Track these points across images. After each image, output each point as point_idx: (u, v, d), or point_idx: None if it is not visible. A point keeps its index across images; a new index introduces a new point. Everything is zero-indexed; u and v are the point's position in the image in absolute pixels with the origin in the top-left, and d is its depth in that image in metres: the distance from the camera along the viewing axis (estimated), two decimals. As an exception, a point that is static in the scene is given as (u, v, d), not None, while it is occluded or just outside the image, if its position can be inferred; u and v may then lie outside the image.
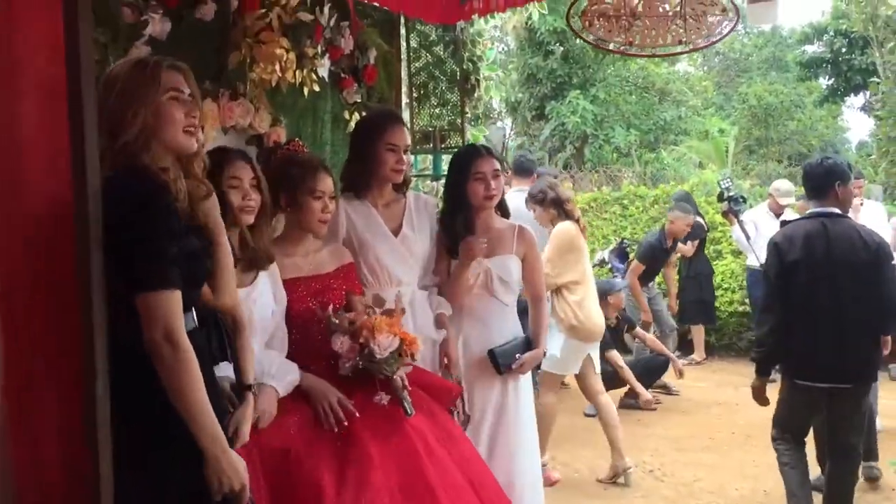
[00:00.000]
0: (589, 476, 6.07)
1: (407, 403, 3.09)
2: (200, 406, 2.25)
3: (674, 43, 4.81)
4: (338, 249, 3.50)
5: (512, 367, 3.94)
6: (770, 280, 4.58)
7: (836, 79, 20.65)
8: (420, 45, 5.10)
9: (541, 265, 4.24)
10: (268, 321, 3.03)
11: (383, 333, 3.05)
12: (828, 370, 4.43)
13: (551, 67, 18.60)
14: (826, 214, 4.52)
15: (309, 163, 3.38)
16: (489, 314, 4.00)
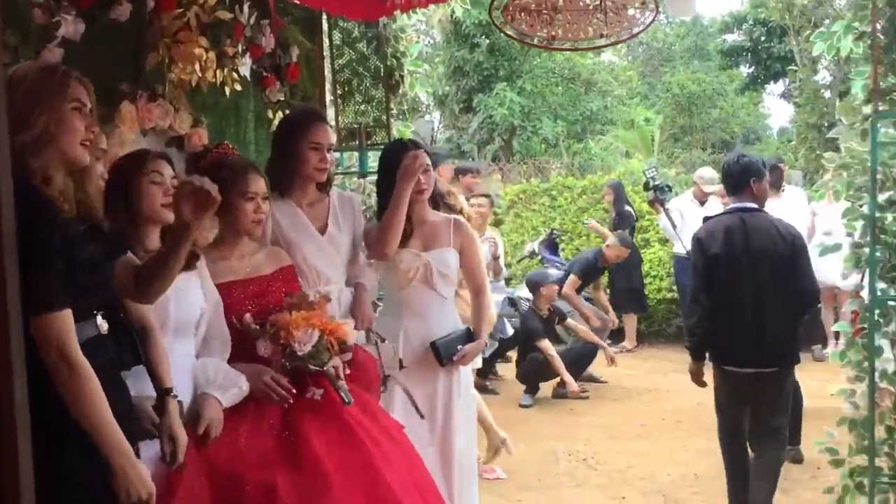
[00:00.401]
0: (524, 468, 6.11)
1: (343, 392, 3.06)
2: (102, 419, 2.26)
3: (595, 36, 4.86)
4: (275, 252, 3.46)
5: (454, 359, 3.95)
6: (696, 273, 4.79)
7: (756, 67, 21.08)
8: (343, 42, 5.07)
9: (479, 256, 4.24)
10: (191, 321, 2.97)
11: (300, 329, 3.02)
12: (751, 356, 4.65)
13: (478, 60, 18.64)
14: (744, 209, 4.74)
15: (239, 165, 3.34)
16: (428, 308, 4.00)
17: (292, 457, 2.95)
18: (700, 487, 5.61)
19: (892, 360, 4.16)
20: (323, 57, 5.06)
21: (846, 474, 4.26)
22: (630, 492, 5.61)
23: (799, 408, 5.87)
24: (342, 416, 3.12)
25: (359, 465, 2.99)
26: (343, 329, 3.14)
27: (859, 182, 4.18)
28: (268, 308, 3.24)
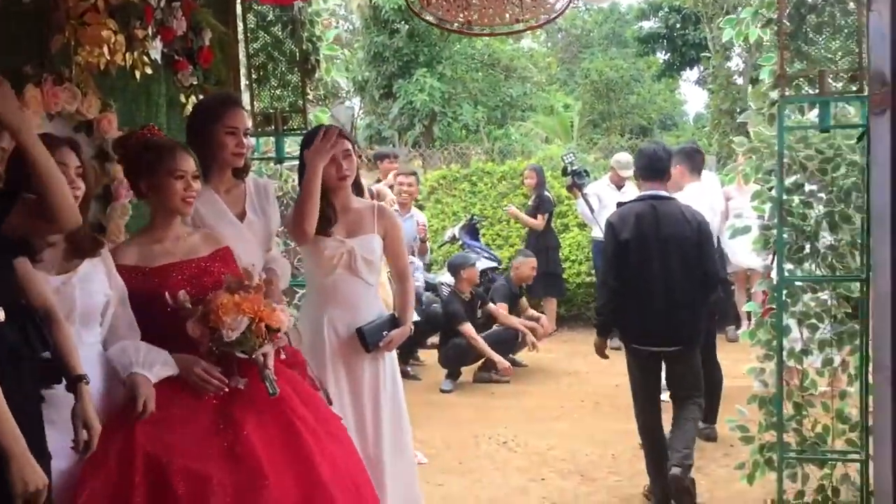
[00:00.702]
0: (445, 452, 6.14)
1: (269, 382, 3.01)
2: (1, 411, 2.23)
3: (512, 21, 4.87)
4: (211, 235, 3.39)
5: (380, 345, 3.95)
6: (607, 256, 5.04)
7: (672, 54, 21.41)
8: (257, 25, 4.98)
9: (401, 242, 4.22)
10: (97, 309, 2.90)
11: (230, 314, 2.97)
12: (658, 336, 4.91)
13: (397, 46, 18.57)
14: (655, 197, 4.98)
15: (166, 144, 3.27)
16: (354, 295, 3.98)
17: (229, 450, 2.90)
18: (617, 467, 5.71)
19: (800, 339, 4.28)
20: (237, 41, 4.98)
21: (756, 450, 4.39)
22: (549, 473, 5.68)
23: (718, 388, 6.04)
24: (280, 408, 3.07)
25: (295, 460, 2.96)
26: (276, 315, 3.07)
27: (767, 166, 4.29)
28: (206, 290, 3.18)
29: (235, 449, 2.90)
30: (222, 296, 3.01)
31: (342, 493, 2.99)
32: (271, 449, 2.94)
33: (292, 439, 3.01)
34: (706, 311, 5.10)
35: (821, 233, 4.16)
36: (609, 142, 18.91)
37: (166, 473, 2.76)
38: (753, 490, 4.65)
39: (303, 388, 3.31)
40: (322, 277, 3.97)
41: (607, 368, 8.31)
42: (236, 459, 2.87)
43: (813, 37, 4.11)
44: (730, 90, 13.81)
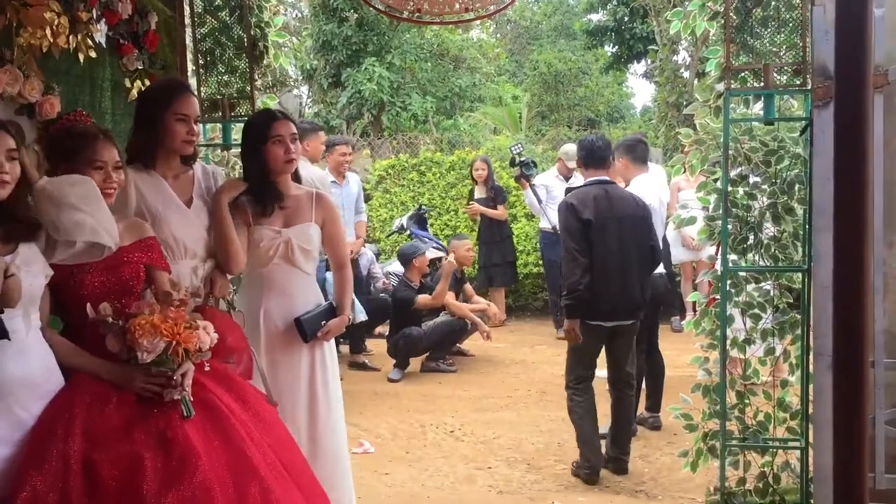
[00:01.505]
0: (392, 441, 6.14)
1: (185, 404, 2.98)
2: None
3: (461, 11, 4.87)
4: (135, 224, 3.35)
5: (318, 335, 3.93)
6: (571, 235, 5.24)
7: (620, 47, 21.53)
8: (205, 10, 4.90)
9: (340, 230, 4.21)
10: (39, 290, 2.84)
11: (147, 336, 2.93)
12: (614, 311, 5.25)
13: (346, 34, 18.43)
14: (604, 182, 5.41)
15: (87, 132, 3.21)
16: (291, 284, 3.96)
17: (160, 434, 2.89)
18: (563, 455, 5.75)
19: (743, 328, 4.35)
20: (184, 25, 4.90)
21: (699, 438, 4.45)
22: (496, 461, 5.71)
23: (661, 378, 6.13)
24: (210, 399, 3.07)
25: (225, 445, 2.96)
26: (195, 339, 3.01)
27: (713, 157, 4.34)
28: (123, 280, 3.14)
29: (167, 433, 2.89)
30: (143, 315, 2.96)
31: (275, 477, 2.99)
32: (201, 434, 2.94)
33: (220, 425, 3.01)
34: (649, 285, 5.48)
35: (764, 224, 4.23)
36: (557, 133, 19.02)
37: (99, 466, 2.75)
38: (697, 477, 4.73)
39: (229, 377, 3.30)
40: (258, 268, 3.94)
41: (553, 358, 8.43)
42: (167, 442, 2.86)
43: (758, 30, 4.17)
44: (676, 83, 13.97)
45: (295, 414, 3.88)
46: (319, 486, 3.38)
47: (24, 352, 2.73)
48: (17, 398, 2.71)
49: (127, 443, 2.83)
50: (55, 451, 2.73)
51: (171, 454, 2.84)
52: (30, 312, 2.80)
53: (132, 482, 2.75)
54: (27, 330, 2.77)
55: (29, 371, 2.76)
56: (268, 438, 3.15)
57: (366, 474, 5.37)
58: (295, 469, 3.20)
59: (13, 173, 2.78)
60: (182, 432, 2.90)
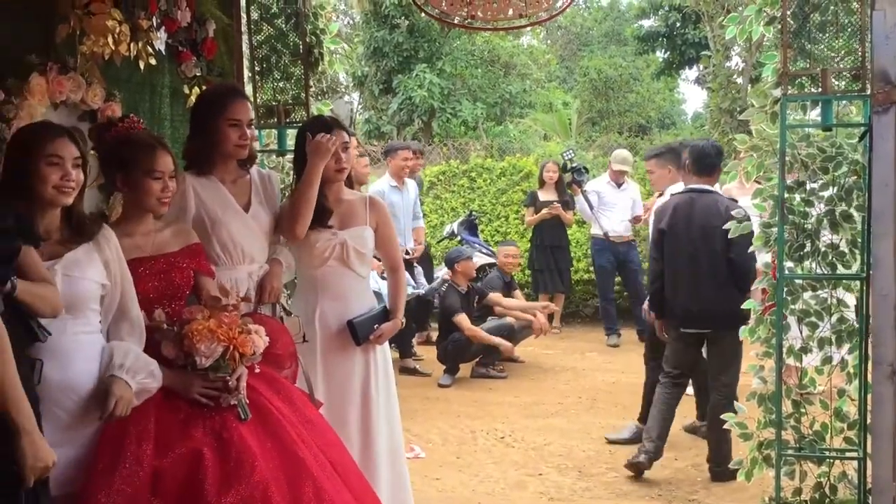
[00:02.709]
0: (443, 446, 6.16)
1: (241, 407, 3.04)
2: (13, 381, 2.27)
3: (514, 17, 4.88)
4: (182, 229, 3.40)
5: (370, 338, 3.94)
6: (652, 241, 5.69)
7: (672, 52, 21.34)
8: (261, 17, 4.97)
9: (393, 233, 4.24)
10: (85, 297, 2.87)
11: (204, 341, 2.98)
12: (687, 318, 5.43)
13: (397, 41, 18.53)
14: (696, 190, 5.48)
15: (145, 142, 3.25)
16: (346, 287, 3.99)
17: (217, 435, 2.96)
18: (615, 463, 5.72)
19: (799, 336, 4.29)
20: (241, 32, 4.98)
21: (754, 447, 4.39)
22: (547, 468, 5.69)
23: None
24: (261, 402, 3.13)
25: (279, 449, 3.01)
26: (250, 343, 3.07)
27: (769, 164, 4.29)
28: (174, 286, 3.20)
29: (223, 434, 2.95)
30: (198, 321, 3.02)
31: (327, 477, 3.04)
32: (255, 436, 3.00)
33: (272, 428, 3.07)
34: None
35: (821, 231, 4.16)
36: (607, 140, 18.90)
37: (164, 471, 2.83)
38: (751, 487, 4.66)
39: (277, 380, 3.35)
40: (313, 270, 3.96)
41: (604, 365, 8.40)
42: (224, 443, 2.93)
43: (816, 35, 4.11)
44: (730, 89, 13.82)
45: (348, 416, 3.90)
46: (369, 487, 3.41)
47: (63, 355, 2.77)
48: (57, 401, 2.76)
49: (188, 441, 2.89)
50: (129, 453, 2.80)
51: (228, 455, 2.89)
52: (75, 317, 2.83)
53: (194, 480, 2.81)
54: (69, 334, 2.80)
55: (68, 376, 2.79)
56: (317, 440, 3.20)
57: (417, 479, 5.37)
58: (344, 469, 3.24)
59: (78, 180, 2.84)
60: (237, 434, 2.96)
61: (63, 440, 2.72)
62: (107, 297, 2.96)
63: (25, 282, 2.53)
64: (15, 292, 2.46)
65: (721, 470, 5.21)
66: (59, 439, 2.68)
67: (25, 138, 2.86)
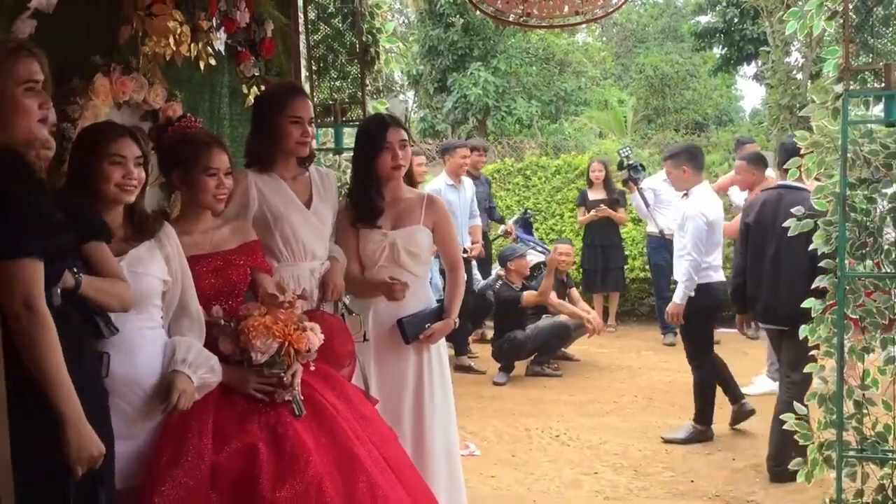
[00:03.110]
0: (498, 444, 6.16)
1: (295, 403, 3.08)
2: (59, 372, 2.28)
3: (570, 14, 4.85)
4: (240, 227, 3.45)
5: (420, 337, 3.93)
6: (739, 234, 5.75)
7: (730, 48, 21.07)
8: (318, 17, 5.02)
9: (453, 233, 4.20)
10: (148, 293, 2.93)
11: (260, 337, 3.02)
12: (767, 314, 5.51)
13: (452, 39, 18.55)
14: (786, 186, 5.46)
15: (201, 139, 3.30)
16: None
17: (272, 429, 3.00)
18: (671, 462, 5.68)
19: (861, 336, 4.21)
20: (298, 32, 5.03)
21: (815, 448, 4.33)
22: (602, 467, 5.67)
23: (710, 389, 6.21)
24: (315, 397, 3.17)
25: (333, 444, 3.04)
26: (305, 340, 3.11)
27: (830, 160, 4.22)
28: (231, 283, 3.24)
29: (278, 429, 2.99)
30: (254, 317, 3.06)
31: (380, 472, 3.06)
32: (309, 431, 3.04)
33: (327, 423, 3.10)
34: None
35: (884, 228, 4.09)
36: (664, 137, 18.71)
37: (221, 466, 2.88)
38: (811, 488, 4.59)
39: (332, 376, 3.38)
40: (368, 269, 3.97)
41: (660, 364, 8.33)
42: (279, 438, 2.96)
43: (879, 29, 4.04)
44: (789, 85, 13.59)
45: (401, 415, 3.91)
46: (424, 483, 3.43)
47: (128, 350, 2.82)
48: (122, 395, 2.81)
49: (244, 436, 2.93)
50: (191, 447, 2.85)
51: (282, 449, 2.93)
52: (139, 313, 2.89)
53: (249, 475, 2.85)
54: (133, 329, 2.85)
55: (132, 370, 2.85)
56: (371, 436, 3.22)
57: (471, 476, 5.39)
58: (398, 465, 3.26)
59: (139, 179, 2.91)
60: (292, 429, 2.99)
61: (127, 433, 2.78)
62: (168, 293, 3.02)
63: (91, 277, 2.59)
64: (79, 289, 2.51)
65: (781, 470, 5.12)
66: (124, 432, 2.74)
67: (89, 138, 2.93)
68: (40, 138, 2.41)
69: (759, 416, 6.32)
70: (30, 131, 2.37)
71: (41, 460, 2.29)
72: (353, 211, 3.96)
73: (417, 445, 3.91)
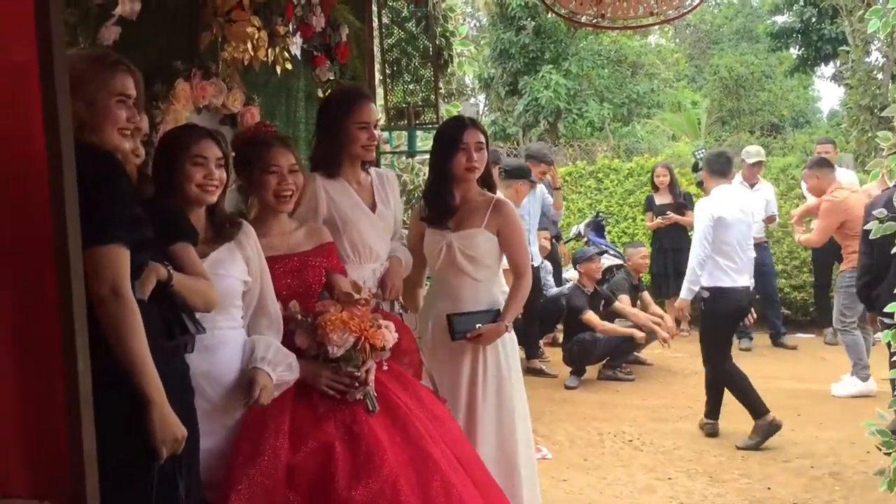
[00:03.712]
0: (569, 448, 6.13)
1: (369, 399, 3.10)
2: (144, 356, 2.34)
3: (645, 14, 4.82)
4: (316, 229, 3.49)
5: (467, 336, 3.88)
6: (861, 236, 5.67)
7: (807, 48, 20.65)
8: (392, 21, 5.07)
9: (519, 238, 4.12)
10: (230, 293, 2.98)
11: (337, 332, 3.05)
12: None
13: (523, 42, 18.52)
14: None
15: (263, 139, 3.34)
16: (458, 288, 3.98)
17: (347, 428, 3.03)
18: (747, 469, 5.59)
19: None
20: (372, 36, 5.08)
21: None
22: (676, 472, 5.60)
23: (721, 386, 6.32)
24: (389, 396, 3.19)
25: (406, 443, 3.06)
26: (380, 337, 3.13)
27: (914, 161, 4.13)
28: (307, 283, 3.29)
29: (353, 428, 3.01)
30: (331, 312, 3.09)
31: (453, 471, 3.07)
32: (384, 430, 3.05)
33: (400, 422, 3.11)
34: None
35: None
36: (738, 139, 18.39)
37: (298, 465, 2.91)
38: (893, 497, 4.48)
39: (403, 375, 3.40)
40: (432, 270, 4.03)
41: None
42: (354, 436, 2.98)
43: (966, 27, 3.94)
44: (869, 85, 13.27)
45: (455, 416, 3.90)
46: (495, 483, 3.43)
47: (209, 349, 2.88)
48: (202, 391, 2.86)
49: (320, 434, 2.96)
50: (268, 446, 2.90)
51: (358, 448, 2.95)
52: (220, 313, 2.93)
53: (325, 474, 2.88)
54: (214, 329, 2.90)
55: (213, 368, 2.91)
56: (443, 435, 3.23)
57: (544, 480, 5.36)
58: (469, 464, 3.27)
59: (220, 179, 2.97)
60: (367, 427, 3.01)
61: (206, 430, 2.83)
62: (248, 293, 3.07)
63: (180, 274, 2.66)
64: (171, 281, 2.58)
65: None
66: (204, 429, 2.79)
67: (172, 141, 3.00)
68: (122, 149, 2.50)
69: (840, 421, 6.20)
70: (115, 139, 2.47)
71: (126, 444, 2.35)
72: (426, 210, 3.99)
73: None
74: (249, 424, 2.96)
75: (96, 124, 2.42)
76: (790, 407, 6.77)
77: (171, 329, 2.60)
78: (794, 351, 9.07)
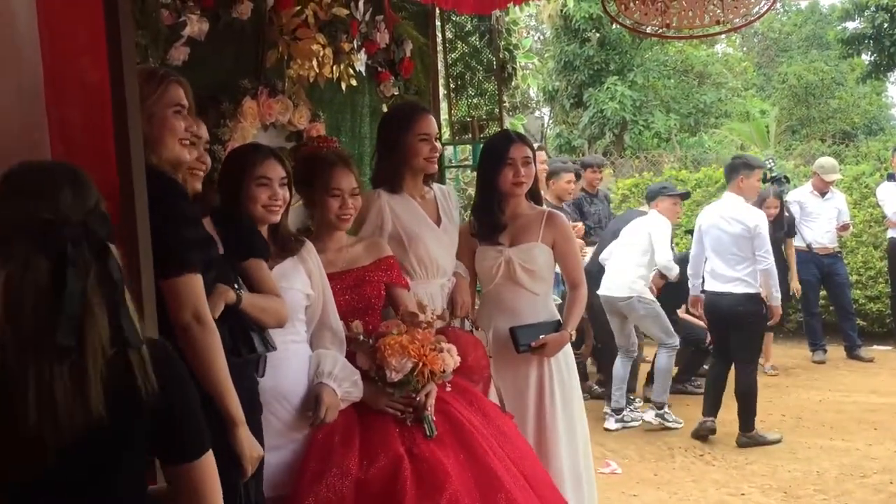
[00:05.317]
0: (640, 462, 6.05)
1: (427, 424, 3.08)
2: (227, 377, 2.40)
3: (711, 23, 4.76)
4: (375, 244, 3.47)
5: (531, 345, 3.84)
6: None
7: (879, 55, 20.19)
8: (455, 35, 5.09)
9: (573, 250, 4.11)
10: (293, 306, 2.99)
11: (396, 356, 3.04)
12: None
13: (588, 54, 18.45)
14: None
15: (326, 159, 3.34)
16: (517, 303, 3.95)
17: (409, 450, 3.02)
18: (824, 485, 5.46)
19: None
20: (436, 51, 5.10)
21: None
22: (749, 488, 5.49)
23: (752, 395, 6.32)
24: (453, 414, 3.18)
25: (471, 461, 3.04)
26: (440, 361, 3.11)
27: None
28: (366, 298, 3.29)
29: (414, 450, 2.99)
30: (392, 335, 3.08)
31: (519, 489, 3.03)
32: (447, 449, 3.03)
33: (464, 439, 3.09)
34: None
35: None
36: (808, 148, 18.05)
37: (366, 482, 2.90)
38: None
39: (470, 391, 3.38)
40: (486, 286, 3.99)
41: (808, 383, 8.04)
42: (416, 459, 2.97)
43: None
44: (945, 91, 12.98)
45: (523, 431, 3.86)
46: (562, 499, 3.38)
47: (274, 365, 2.88)
48: (270, 407, 2.89)
49: (389, 452, 2.96)
50: (335, 463, 2.91)
51: (420, 470, 2.94)
52: (285, 327, 2.94)
53: (392, 492, 2.87)
54: (280, 343, 2.90)
55: (280, 383, 2.93)
56: (509, 451, 3.20)
57: (613, 495, 5.32)
58: (536, 481, 3.23)
59: (284, 198, 3.00)
60: (428, 448, 3.00)
61: (275, 445, 2.86)
62: (311, 307, 3.10)
63: (250, 294, 2.70)
64: (240, 303, 2.62)
65: None
66: (272, 444, 2.81)
67: (237, 162, 3.04)
68: (183, 161, 2.56)
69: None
70: (177, 150, 2.53)
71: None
72: (475, 226, 3.98)
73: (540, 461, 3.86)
74: (318, 440, 2.98)
75: (158, 138, 2.47)
76: (867, 421, 6.61)
77: (237, 347, 2.64)
78: (871, 363, 8.84)
